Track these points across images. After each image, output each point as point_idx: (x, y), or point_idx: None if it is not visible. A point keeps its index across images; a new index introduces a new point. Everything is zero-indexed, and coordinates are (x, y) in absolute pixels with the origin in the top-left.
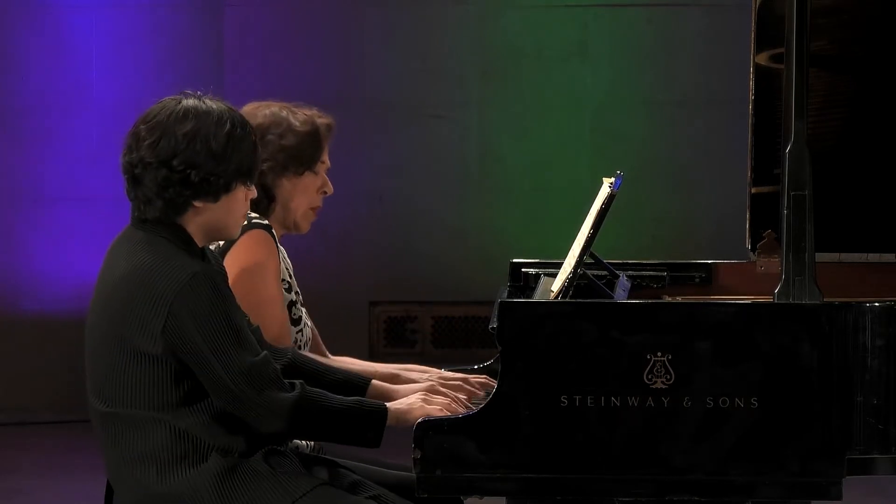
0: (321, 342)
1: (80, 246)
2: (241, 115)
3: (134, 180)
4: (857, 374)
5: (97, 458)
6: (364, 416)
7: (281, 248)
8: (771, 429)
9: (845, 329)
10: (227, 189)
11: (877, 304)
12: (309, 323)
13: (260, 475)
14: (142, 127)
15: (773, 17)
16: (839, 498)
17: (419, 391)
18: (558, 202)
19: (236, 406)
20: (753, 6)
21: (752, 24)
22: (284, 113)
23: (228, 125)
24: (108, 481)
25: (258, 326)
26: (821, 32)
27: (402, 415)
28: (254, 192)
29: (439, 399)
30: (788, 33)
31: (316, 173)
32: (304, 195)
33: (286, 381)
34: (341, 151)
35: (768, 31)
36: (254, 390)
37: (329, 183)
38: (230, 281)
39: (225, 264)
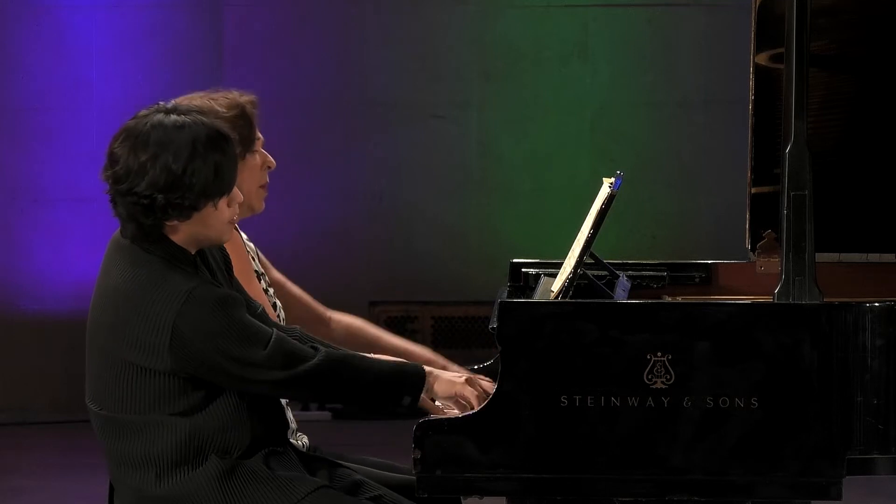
0: (315, 305)
1: (80, 246)
2: (208, 129)
3: (112, 201)
4: (857, 374)
5: (97, 458)
6: (401, 378)
7: (242, 233)
8: (771, 429)
9: (845, 329)
10: (195, 208)
11: (877, 304)
12: (277, 302)
13: (259, 478)
14: (115, 146)
15: (773, 17)
16: (839, 498)
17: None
18: (558, 202)
19: (266, 392)
20: (753, 6)
21: (752, 24)
22: (207, 102)
23: (189, 148)
24: (110, 482)
25: (263, 309)
26: (821, 32)
27: (443, 384)
28: (240, 197)
29: (482, 385)
30: (788, 33)
31: (255, 151)
32: (250, 176)
33: (308, 346)
34: (341, 151)
35: (768, 31)
36: (277, 373)
37: (270, 158)
38: None
39: None
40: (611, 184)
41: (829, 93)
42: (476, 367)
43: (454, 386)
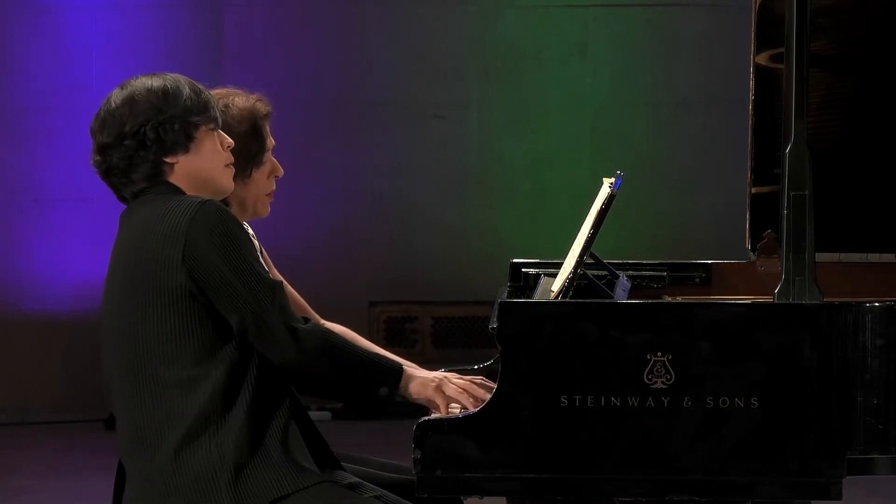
0: (312, 312)
1: (80, 246)
2: (177, 75)
3: (108, 174)
4: (857, 374)
5: (97, 457)
6: (381, 370)
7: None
8: (771, 429)
9: (845, 329)
10: (188, 136)
11: (877, 304)
12: None
13: (271, 462)
14: (93, 125)
15: (773, 17)
16: (839, 498)
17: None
18: (558, 202)
19: (255, 327)
20: (753, 6)
21: (752, 24)
22: (221, 108)
23: (162, 80)
24: (119, 462)
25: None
26: (821, 32)
27: (416, 384)
28: (230, 141)
29: (457, 384)
30: (788, 33)
31: (263, 164)
32: (256, 187)
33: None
34: (341, 151)
35: (768, 31)
36: (275, 309)
37: (278, 166)
38: None
39: None
40: (611, 184)
41: (829, 93)
42: (476, 367)
43: (426, 389)
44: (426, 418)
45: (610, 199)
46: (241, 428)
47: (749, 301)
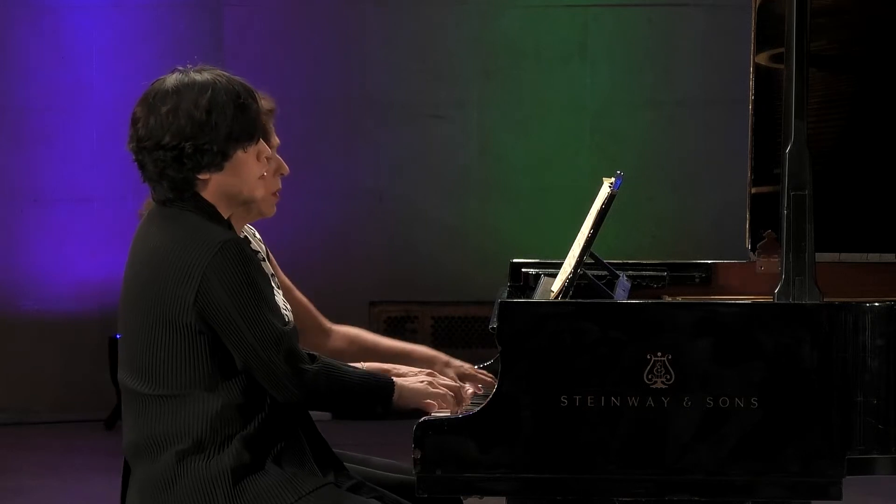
0: (318, 314)
1: (79, 246)
2: (227, 82)
3: (141, 166)
4: (857, 374)
5: (97, 457)
6: (375, 390)
7: (255, 231)
8: (771, 429)
9: (845, 329)
10: (224, 156)
11: (877, 304)
12: (287, 306)
13: (268, 473)
14: (136, 109)
15: (773, 17)
16: (839, 498)
17: (424, 377)
18: (558, 202)
19: (262, 373)
20: (753, 6)
21: (752, 24)
22: None
23: (210, 93)
24: (124, 460)
25: (295, 326)
26: (821, 32)
27: (407, 392)
28: (268, 151)
29: (443, 385)
30: (788, 33)
31: (269, 158)
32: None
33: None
34: (341, 151)
35: (768, 31)
36: (281, 358)
37: (283, 164)
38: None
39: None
40: (611, 184)
41: (829, 93)
42: (476, 367)
43: (419, 399)
44: (426, 418)
45: (610, 199)
46: (246, 441)
47: (749, 301)
